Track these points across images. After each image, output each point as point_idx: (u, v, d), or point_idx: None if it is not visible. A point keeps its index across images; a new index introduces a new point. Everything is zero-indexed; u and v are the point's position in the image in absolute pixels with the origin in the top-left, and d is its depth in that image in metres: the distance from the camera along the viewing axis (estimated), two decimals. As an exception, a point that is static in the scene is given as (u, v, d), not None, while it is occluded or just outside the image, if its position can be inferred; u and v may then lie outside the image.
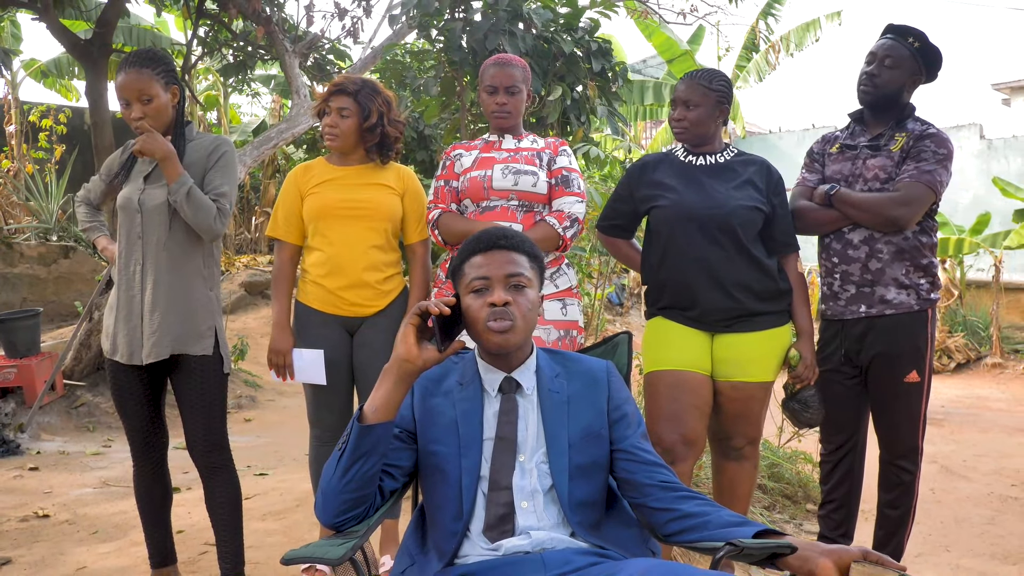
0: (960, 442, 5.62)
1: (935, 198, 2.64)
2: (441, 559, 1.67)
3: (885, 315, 2.67)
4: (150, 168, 2.55)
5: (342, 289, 2.79)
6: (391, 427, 1.64)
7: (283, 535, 3.36)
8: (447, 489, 1.70)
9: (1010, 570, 3.15)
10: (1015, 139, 11.28)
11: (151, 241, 2.50)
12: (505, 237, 1.75)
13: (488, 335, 1.70)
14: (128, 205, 2.53)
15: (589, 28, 4.64)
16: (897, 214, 2.60)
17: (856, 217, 2.67)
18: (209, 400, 2.54)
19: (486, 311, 1.68)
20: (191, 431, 2.56)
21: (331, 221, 2.79)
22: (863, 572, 1.39)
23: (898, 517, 2.73)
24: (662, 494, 1.70)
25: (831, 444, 2.86)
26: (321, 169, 2.88)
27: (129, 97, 2.45)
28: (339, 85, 2.84)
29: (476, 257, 1.74)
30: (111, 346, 2.54)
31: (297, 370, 2.81)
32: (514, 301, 1.70)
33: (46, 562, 3.14)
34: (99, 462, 4.79)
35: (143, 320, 2.49)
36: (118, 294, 2.55)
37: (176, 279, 2.51)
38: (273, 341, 2.83)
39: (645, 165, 2.73)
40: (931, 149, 2.64)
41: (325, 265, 2.80)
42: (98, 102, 6.95)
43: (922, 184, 2.60)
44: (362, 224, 2.80)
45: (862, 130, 2.80)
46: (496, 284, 1.70)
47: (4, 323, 5.67)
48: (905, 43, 2.68)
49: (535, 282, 1.77)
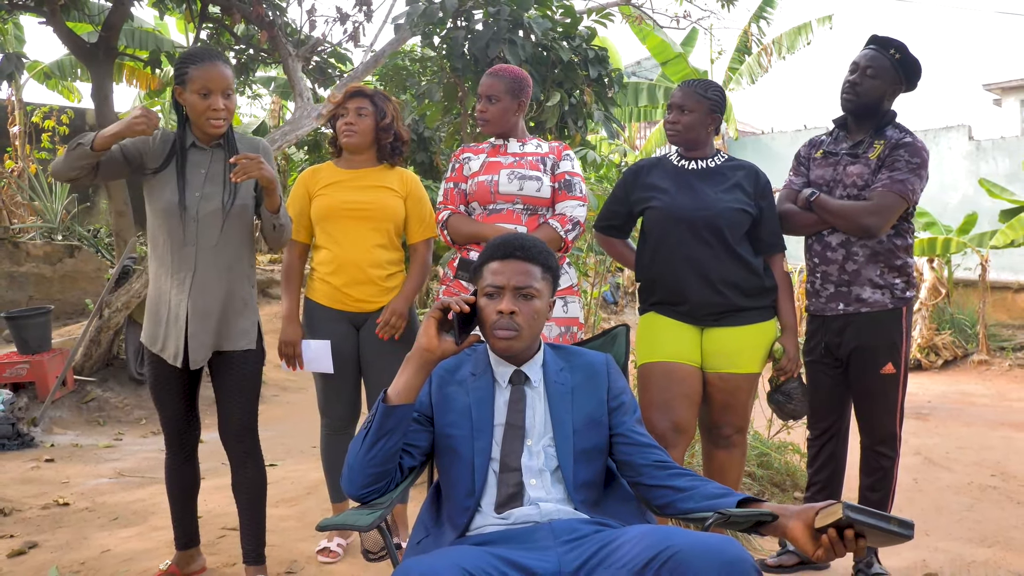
0: (944, 435, 5.80)
1: (907, 205, 2.81)
2: (455, 531, 1.84)
3: (861, 312, 2.86)
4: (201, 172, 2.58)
5: (347, 286, 2.96)
6: (411, 409, 1.82)
7: (296, 520, 3.53)
8: (461, 468, 1.88)
9: (986, 552, 3.33)
10: (1003, 140, 11.49)
11: (205, 246, 2.57)
12: (522, 248, 1.92)
13: (494, 340, 1.89)
14: (183, 213, 2.54)
15: (586, 36, 4.82)
16: (869, 223, 2.78)
17: (833, 223, 2.85)
18: (248, 389, 2.69)
19: (495, 316, 1.87)
20: (226, 417, 2.69)
21: (337, 221, 2.97)
22: (825, 514, 1.57)
23: (878, 500, 2.89)
24: (656, 472, 1.88)
25: (816, 430, 3.05)
26: (329, 172, 3.05)
27: (215, 88, 2.48)
28: (356, 88, 3.02)
29: (494, 263, 1.91)
30: (160, 346, 2.61)
31: (306, 360, 2.98)
32: (520, 311, 1.88)
33: (71, 545, 3.30)
34: (112, 454, 4.95)
35: (194, 324, 2.57)
36: (163, 296, 2.60)
37: (227, 282, 2.61)
38: (284, 333, 3.00)
39: (640, 169, 2.91)
40: (904, 159, 2.80)
41: (332, 263, 2.97)
42: (103, 104, 7.09)
43: (893, 193, 2.77)
44: (367, 224, 2.97)
45: (845, 136, 2.97)
46: (507, 293, 1.88)
47: (16, 320, 5.82)
48: (887, 54, 2.84)
49: (545, 292, 1.94)
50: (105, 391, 6.08)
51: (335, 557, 3.07)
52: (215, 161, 2.60)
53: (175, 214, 2.54)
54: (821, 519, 1.57)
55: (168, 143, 2.61)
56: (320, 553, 3.09)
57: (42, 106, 10.18)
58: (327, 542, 3.14)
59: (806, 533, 1.60)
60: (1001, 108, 17.78)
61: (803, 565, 3.02)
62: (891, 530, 1.50)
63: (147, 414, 5.95)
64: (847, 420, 3.03)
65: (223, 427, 2.72)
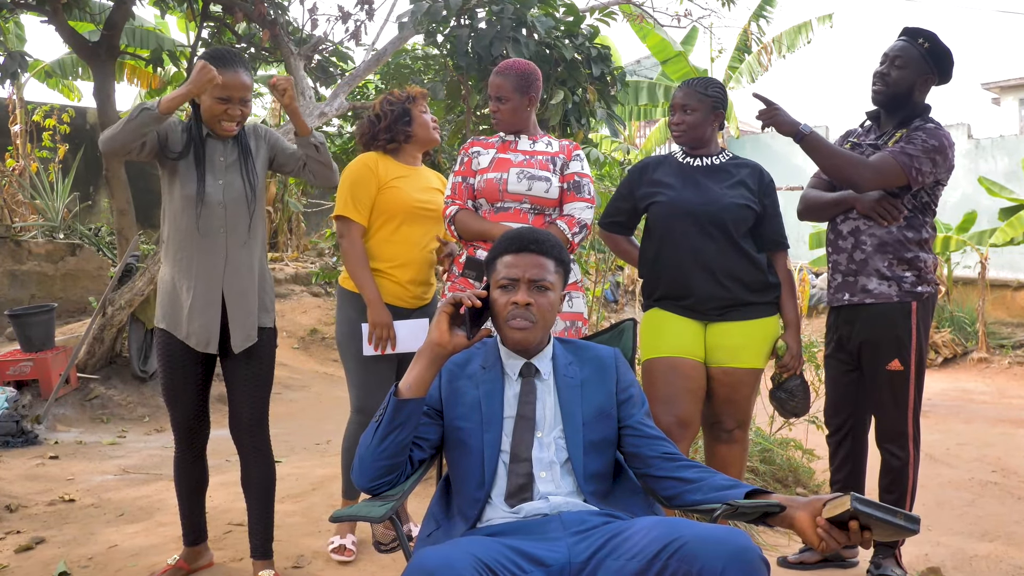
0: (945, 432, 5.83)
1: (905, 179, 2.73)
2: (465, 523, 1.86)
3: (866, 304, 2.84)
4: (225, 161, 2.62)
5: (411, 282, 3.04)
6: (423, 403, 1.84)
7: (302, 516, 3.55)
8: (470, 461, 1.90)
9: (987, 546, 3.35)
10: (1002, 139, 11.53)
11: (235, 232, 2.60)
12: (536, 241, 1.95)
13: (509, 332, 1.91)
14: (210, 200, 2.57)
15: (589, 35, 4.84)
16: (854, 174, 2.74)
17: (822, 164, 2.82)
18: (264, 376, 2.72)
19: (510, 308, 1.89)
20: (238, 408, 2.71)
21: (412, 217, 3.03)
22: (832, 506, 1.59)
23: (893, 502, 2.84)
24: (664, 464, 1.90)
25: (831, 426, 3.05)
26: (391, 164, 3.08)
27: (235, 96, 2.52)
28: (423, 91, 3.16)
29: (508, 256, 1.94)
30: (185, 332, 2.60)
31: (400, 340, 2.96)
32: (536, 303, 1.90)
33: (78, 541, 3.31)
34: (116, 451, 4.96)
35: (233, 308, 2.60)
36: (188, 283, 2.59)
37: (255, 265, 2.66)
38: (375, 316, 2.93)
39: (646, 166, 2.93)
40: (920, 138, 2.76)
41: (398, 259, 3.02)
42: (106, 103, 7.10)
43: (895, 161, 2.72)
44: (429, 224, 3.07)
45: (875, 128, 2.97)
46: (522, 285, 1.90)
47: (20, 318, 5.83)
48: (915, 44, 2.81)
49: (558, 285, 1.98)
50: (108, 389, 6.09)
51: (351, 555, 3.04)
52: (230, 149, 2.65)
53: (203, 202, 2.56)
54: (829, 510, 1.59)
55: (186, 131, 2.62)
56: (335, 551, 3.05)
57: (43, 105, 10.18)
58: (340, 539, 3.10)
59: (812, 524, 1.62)
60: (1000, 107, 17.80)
61: (825, 563, 3.02)
62: (897, 524, 1.52)
63: (150, 411, 5.97)
64: (865, 418, 2.99)
65: (234, 422, 2.74)
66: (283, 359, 8.03)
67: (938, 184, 2.85)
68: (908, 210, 2.83)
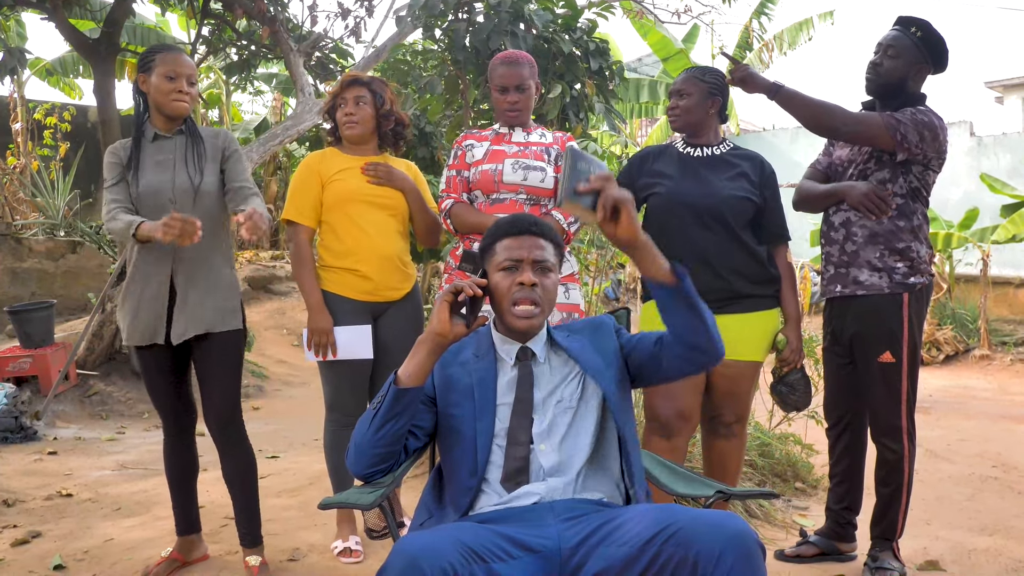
0: (945, 428, 5.81)
1: (889, 140, 2.70)
2: (457, 512, 1.85)
3: (857, 296, 2.82)
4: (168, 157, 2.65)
5: (377, 274, 2.92)
6: (421, 392, 1.83)
7: (298, 510, 3.54)
8: (463, 448, 1.89)
9: (987, 540, 3.34)
10: (1005, 136, 11.49)
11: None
12: (536, 224, 1.95)
13: (514, 320, 1.90)
14: (159, 195, 2.61)
15: (587, 28, 4.83)
16: (828, 120, 2.73)
17: (797, 115, 2.79)
18: (230, 371, 2.73)
19: (515, 289, 1.88)
20: (210, 403, 2.73)
21: (359, 207, 2.92)
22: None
23: (889, 495, 2.82)
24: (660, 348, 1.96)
25: (830, 419, 3.03)
26: (338, 158, 2.99)
27: (181, 73, 2.61)
28: (352, 77, 3.00)
29: (508, 239, 1.93)
30: (128, 332, 2.68)
31: (341, 347, 2.88)
32: (540, 283, 1.90)
33: (74, 535, 3.31)
34: (115, 447, 4.96)
35: (175, 301, 2.63)
36: (139, 279, 2.67)
37: (205, 261, 2.66)
38: (314, 322, 2.88)
39: (646, 156, 2.91)
40: (910, 111, 2.73)
41: (357, 252, 2.91)
42: (106, 100, 7.09)
43: (880, 119, 2.70)
44: (386, 212, 2.96)
45: None
46: (525, 266, 1.90)
47: (19, 314, 5.84)
48: (908, 33, 2.78)
49: (556, 269, 1.98)
50: (108, 385, 6.09)
51: (359, 556, 2.96)
52: (179, 147, 2.68)
53: (153, 196, 2.62)
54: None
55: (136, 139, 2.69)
56: (342, 555, 2.96)
57: (44, 103, 10.20)
58: (344, 543, 3.01)
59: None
60: (1003, 106, 17.76)
61: (823, 556, 3.02)
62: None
63: (149, 408, 5.96)
64: (863, 411, 2.96)
65: (207, 416, 2.76)
66: (283, 356, 8.03)
67: (928, 169, 2.81)
68: (899, 197, 2.80)
